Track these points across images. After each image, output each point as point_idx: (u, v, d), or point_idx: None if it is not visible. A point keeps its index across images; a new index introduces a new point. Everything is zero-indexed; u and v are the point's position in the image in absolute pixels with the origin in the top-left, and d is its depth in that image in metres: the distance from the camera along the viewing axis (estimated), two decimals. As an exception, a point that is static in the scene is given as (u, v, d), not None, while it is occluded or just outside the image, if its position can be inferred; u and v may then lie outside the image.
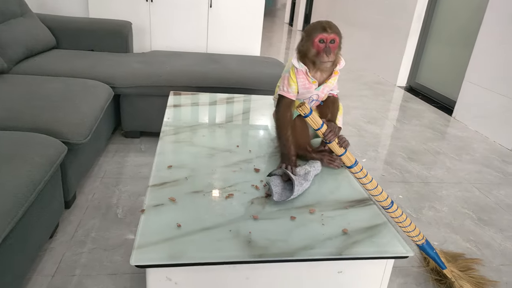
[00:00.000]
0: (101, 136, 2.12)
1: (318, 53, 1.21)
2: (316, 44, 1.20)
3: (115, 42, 2.93)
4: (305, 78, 1.26)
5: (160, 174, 1.13)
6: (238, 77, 2.48)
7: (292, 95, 1.28)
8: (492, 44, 3.14)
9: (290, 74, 1.27)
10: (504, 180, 2.43)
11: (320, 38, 1.19)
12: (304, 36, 1.24)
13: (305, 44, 1.23)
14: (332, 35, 1.20)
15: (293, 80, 1.27)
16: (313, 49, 1.21)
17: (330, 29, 1.19)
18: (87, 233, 1.62)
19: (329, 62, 1.21)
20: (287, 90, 1.28)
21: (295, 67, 1.26)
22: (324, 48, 1.19)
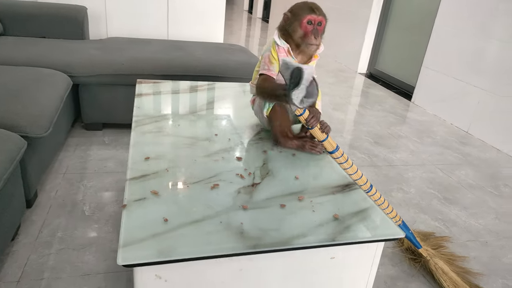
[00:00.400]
0: (61, 129, 1.98)
1: (306, 35, 1.17)
2: (304, 25, 1.17)
3: (70, 28, 2.74)
4: (285, 56, 1.23)
5: (137, 166, 1.06)
6: (205, 65, 2.41)
7: (273, 73, 1.24)
8: (448, 30, 3.27)
9: (271, 51, 1.23)
10: (463, 161, 2.55)
11: (308, 20, 1.16)
12: (290, 16, 1.20)
13: (292, 25, 1.19)
14: (320, 17, 1.17)
15: (275, 57, 1.23)
16: (300, 30, 1.18)
17: (318, 11, 1.17)
18: (52, 233, 1.51)
19: (316, 45, 1.19)
20: (268, 69, 1.23)
21: (277, 44, 1.22)
22: (312, 30, 1.16)
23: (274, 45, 1.24)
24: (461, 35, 3.13)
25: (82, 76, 2.19)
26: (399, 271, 1.51)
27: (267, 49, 1.27)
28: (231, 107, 1.57)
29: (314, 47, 1.20)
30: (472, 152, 2.70)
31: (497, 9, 2.82)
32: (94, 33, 3.22)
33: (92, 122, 2.38)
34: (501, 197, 2.14)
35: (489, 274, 1.55)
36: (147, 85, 1.70)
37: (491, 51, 2.88)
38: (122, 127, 2.49)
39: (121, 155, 2.16)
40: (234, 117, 1.47)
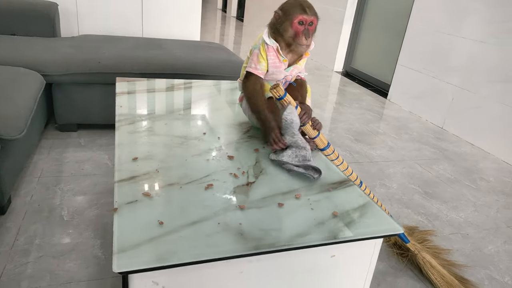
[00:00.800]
0: (34, 131, 1.88)
1: (296, 35, 1.15)
2: (295, 25, 1.15)
3: (41, 25, 2.62)
4: (275, 55, 1.21)
5: (126, 167, 1.01)
6: (184, 63, 2.35)
7: (260, 72, 1.21)
8: (421, 29, 3.35)
9: (260, 50, 1.20)
10: (440, 156, 2.62)
11: (299, 20, 1.14)
12: (281, 14, 1.18)
13: (283, 24, 1.17)
14: (312, 17, 1.15)
15: (263, 57, 1.20)
16: (291, 30, 1.16)
17: (310, 11, 1.14)
18: (30, 240, 1.43)
19: (307, 45, 1.17)
20: (255, 67, 1.21)
21: (266, 43, 1.20)
22: (303, 31, 1.14)
23: (263, 43, 1.21)
24: (434, 34, 3.21)
25: (56, 75, 2.09)
26: (387, 266, 1.52)
27: (256, 46, 1.24)
28: (218, 105, 1.54)
29: (305, 47, 1.19)
30: (448, 147, 2.77)
31: (467, 8, 2.91)
32: (66, 30, 3.09)
33: (67, 123, 2.28)
34: (478, 190, 2.21)
35: (473, 265, 1.59)
36: (128, 84, 1.64)
37: (462, 49, 2.97)
38: (98, 127, 2.40)
39: (99, 156, 2.07)
40: (222, 115, 1.43)
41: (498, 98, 2.70)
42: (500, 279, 1.53)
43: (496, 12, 2.69)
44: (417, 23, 3.39)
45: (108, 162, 2.03)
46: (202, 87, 1.72)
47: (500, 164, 2.60)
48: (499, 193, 2.20)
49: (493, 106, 2.73)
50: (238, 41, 6.16)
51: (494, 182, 2.33)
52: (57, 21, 2.75)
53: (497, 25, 2.69)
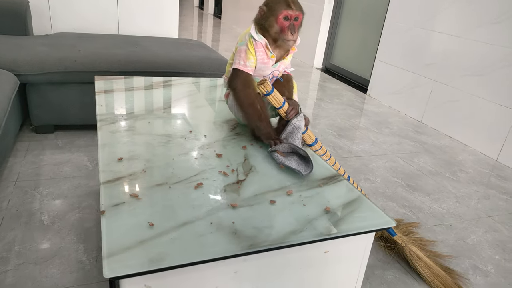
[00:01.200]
0: (9, 133, 1.81)
1: (282, 31, 1.14)
2: (280, 21, 1.13)
3: (12, 23, 2.51)
4: (264, 51, 1.19)
5: (110, 168, 0.97)
6: (164, 60, 2.31)
7: (250, 69, 1.19)
8: (398, 25, 3.40)
9: (248, 46, 1.18)
10: (421, 149, 2.67)
11: (284, 15, 1.12)
12: (266, 10, 1.16)
13: (268, 20, 1.15)
14: (297, 12, 1.13)
15: (252, 53, 1.18)
16: (276, 26, 1.14)
17: (295, 6, 1.13)
18: (8, 247, 1.37)
19: (293, 40, 1.16)
20: (245, 64, 1.18)
21: (254, 39, 1.17)
22: (289, 26, 1.13)
23: (251, 39, 1.19)
24: (411, 30, 3.27)
25: (30, 75, 2.01)
26: (375, 260, 1.54)
27: (242, 42, 1.22)
28: (201, 102, 1.51)
29: (291, 42, 1.17)
30: (427, 141, 2.83)
31: (442, 4, 2.97)
32: (38, 28, 2.99)
33: (43, 124, 2.20)
34: (458, 182, 2.26)
35: (457, 255, 1.62)
36: (107, 82, 1.59)
37: (439, 44, 3.03)
38: (75, 128, 2.33)
39: (78, 158, 2.01)
40: (207, 113, 1.41)
41: (473, 91, 2.77)
42: (484, 268, 1.56)
43: (469, 7, 2.76)
44: (394, 19, 3.44)
45: (88, 163, 1.97)
46: (183, 85, 1.69)
47: (478, 156, 2.67)
48: (478, 184, 2.26)
49: (469, 99, 2.80)
50: (217, 38, 6.11)
51: (473, 173, 2.39)
52: (28, 19, 2.65)
53: (471, 20, 2.75)
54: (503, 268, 1.58)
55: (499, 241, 1.75)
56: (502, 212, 1.99)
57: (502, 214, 1.97)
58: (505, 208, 2.04)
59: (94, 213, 1.60)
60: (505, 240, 1.76)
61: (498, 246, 1.71)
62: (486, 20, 2.66)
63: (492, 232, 1.81)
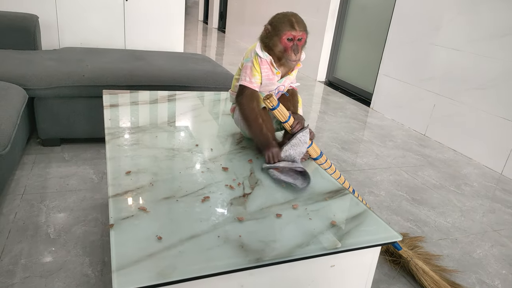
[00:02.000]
0: (17, 147, 1.83)
1: (286, 51, 1.16)
2: (283, 41, 1.15)
3: (21, 38, 2.56)
4: (269, 68, 1.21)
5: (119, 182, 0.98)
6: (170, 74, 2.34)
7: (255, 86, 1.21)
8: (401, 39, 3.43)
9: (254, 63, 1.20)
10: (425, 162, 2.67)
11: (288, 36, 1.15)
12: (270, 29, 1.18)
13: (272, 40, 1.17)
14: (301, 32, 1.16)
15: (257, 70, 1.20)
16: (280, 45, 1.16)
17: (299, 26, 1.15)
18: (15, 260, 1.37)
19: (296, 61, 1.18)
20: (250, 80, 1.20)
21: (259, 56, 1.20)
22: (292, 46, 1.15)
23: (256, 57, 1.21)
24: (413, 43, 3.30)
25: (38, 89, 2.04)
26: (380, 274, 1.53)
27: (248, 59, 1.24)
28: (209, 116, 1.53)
29: (294, 62, 1.20)
30: (431, 154, 2.83)
31: (443, 18, 3.00)
32: (47, 43, 3.05)
33: (50, 138, 2.22)
34: (463, 195, 2.25)
35: (463, 270, 1.61)
36: (114, 96, 1.61)
37: (441, 58, 3.05)
38: (81, 141, 2.35)
39: (83, 171, 2.02)
40: (214, 126, 1.42)
41: (477, 105, 2.78)
42: (490, 283, 1.55)
43: (472, 21, 2.79)
44: (396, 33, 3.47)
45: (94, 176, 1.98)
46: (189, 99, 1.71)
47: (482, 169, 2.66)
48: (483, 198, 2.25)
49: (473, 113, 2.81)
50: (221, 52, 6.17)
51: (478, 187, 2.39)
52: (37, 34, 2.70)
53: (473, 34, 2.78)
54: (510, 283, 1.56)
55: (505, 255, 1.74)
56: (508, 226, 1.98)
57: (508, 228, 1.96)
58: (511, 222, 2.03)
59: (100, 226, 1.61)
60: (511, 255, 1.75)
61: (504, 261, 1.70)
62: (489, 34, 2.68)
63: (499, 247, 1.80)
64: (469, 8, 2.82)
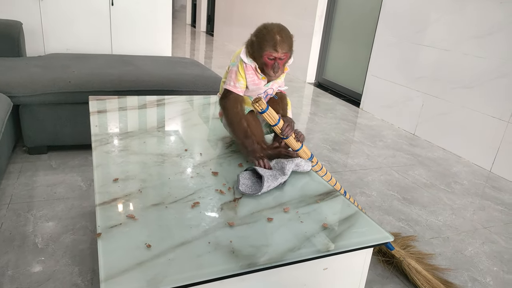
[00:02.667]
0: (2, 155, 1.79)
1: (266, 67, 1.16)
2: (265, 58, 1.15)
3: (4, 44, 2.52)
4: (254, 74, 1.20)
5: (106, 189, 0.96)
6: (157, 79, 2.32)
7: (239, 90, 1.20)
8: (388, 40, 3.46)
9: (239, 69, 1.19)
10: (415, 161, 2.68)
11: (269, 56, 1.14)
12: (255, 41, 1.16)
13: (255, 53, 1.16)
14: (283, 54, 1.15)
15: (242, 75, 1.19)
16: (261, 60, 1.16)
17: (282, 48, 1.13)
18: (2, 271, 1.34)
19: (274, 78, 1.19)
20: (234, 85, 1.20)
21: (244, 62, 1.19)
22: (273, 65, 1.15)
23: (241, 62, 1.20)
24: (401, 44, 3.33)
25: (23, 96, 2.01)
26: (374, 275, 1.53)
27: (234, 63, 1.23)
28: (196, 120, 1.51)
29: (273, 78, 1.21)
30: (421, 153, 2.85)
31: (429, 19, 3.03)
32: (31, 49, 3.00)
33: (36, 146, 2.18)
34: (453, 194, 2.27)
35: (455, 268, 1.62)
36: (101, 102, 1.59)
37: (428, 57, 3.08)
38: (69, 149, 2.31)
39: (71, 179, 1.99)
40: (203, 131, 1.41)
41: (465, 104, 2.81)
42: (482, 280, 1.56)
43: (458, 21, 2.82)
44: (384, 34, 3.50)
45: (82, 184, 1.95)
46: (177, 103, 1.69)
47: (472, 167, 2.69)
48: (473, 195, 2.27)
49: (461, 112, 2.84)
50: (209, 56, 6.16)
51: (468, 185, 2.41)
52: (22, 40, 2.66)
53: (460, 33, 2.81)
54: (501, 279, 1.57)
55: (496, 252, 1.75)
56: (498, 223, 2.00)
57: (498, 225, 1.98)
58: (501, 219, 2.05)
59: (88, 234, 1.58)
60: (502, 251, 1.76)
61: (495, 258, 1.71)
62: (475, 33, 2.71)
63: (489, 244, 1.81)
64: (454, 8, 2.85)
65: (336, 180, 1.34)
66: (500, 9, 2.55)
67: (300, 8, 4.75)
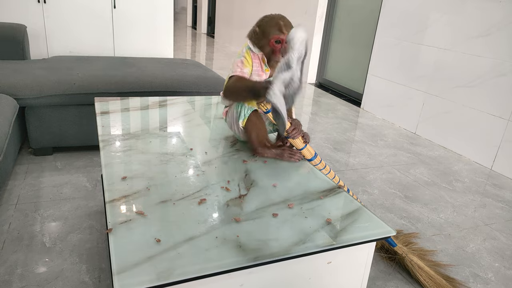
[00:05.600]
0: (9, 156, 1.82)
1: (274, 53, 1.18)
2: (272, 44, 1.17)
3: (9, 48, 2.55)
4: (259, 64, 1.23)
5: (115, 187, 0.99)
6: (160, 80, 2.35)
7: (246, 75, 1.22)
8: (388, 40, 3.48)
9: (246, 56, 1.21)
10: (416, 160, 2.70)
11: (276, 39, 1.16)
12: (258, 31, 1.20)
13: (260, 41, 1.19)
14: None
15: (248, 61, 1.21)
16: (268, 48, 1.18)
17: (287, 29, 1.17)
18: (11, 270, 1.36)
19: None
20: (242, 71, 1.21)
21: (251, 50, 1.21)
22: (280, 49, 1.17)
23: (248, 50, 1.23)
24: (401, 44, 3.35)
25: (29, 98, 2.03)
26: (377, 271, 1.55)
27: (239, 55, 1.26)
28: (202, 120, 1.54)
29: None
30: (422, 152, 2.87)
31: (429, 19, 3.06)
32: (35, 52, 3.04)
33: (41, 147, 2.21)
34: (455, 191, 2.29)
35: (457, 264, 1.64)
36: (107, 103, 1.61)
37: (429, 57, 3.10)
38: (74, 150, 2.34)
39: (77, 179, 2.02)
40: (207, 130, 1.44)
41: (465, 102, 2.83)
42: (484, 276, 1.58)
43: (458, 21, 2.84)
44: (384, 34, 3.52)
45: (87, 184, 1.98)
46: (181, 104, 1.72)
47: (473, 165, 2.70)
48: (474, 193, 2.29)
49: (461, 110, 2.86)
50: (210, 57, 6.19)
51: (469, 182, 2.43)
52: (26, 44, 2.69)
53: (460, 33, 2.84)
54: (503, 275, 1.59)
55: (497, 248, 1.77)
56: (499, 220, 2.02)
57: (499, 222, 2.00)
58: (502, 216, 2.07)
59: (95, 233, 1.60)
60: (503, 248, 1.78)
61: (497, 254, 1.73)
62: (475, 32, 2.74)
63: (491, 240, 1.83)
64: (454, 8, 2.87)
65: (339, 178, 1.36)
66: (499, 8, 2.57)
67: (301, 9, 4.78)
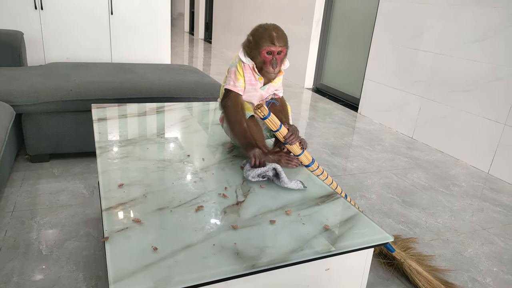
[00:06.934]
0: (5, 164, 1.81)
1: (265, 63, 1.19)
2: (263, 54, 1.18)
3: (6, 54, 2.55)
4: (251, 73, 1.24)
5: (112, 194, 0.99)
6: (158, 86, 2.35)
7: (239, 90, 1.24)
8: (385, 45, 3.50)
9: (237, 68, 1.23)
10: (413, 164, 2.71)
11: (267, 50, 1.18)
12: (252, 41, 1.20)
13: (253, 51, 1.20)
14: (280, 47, 1.18)
15: (240, 74, 1.23)
16: (260, 58, 1.19)
17: (278, 42, 1.17)
18: (7, 278, 1.35)
19: (274, 74, 1.21)
20: (234, 84, 1.23)
21: (242, 61, 1.22)
22: (271, 61, 1.18)
23: (239, 61, 1.24)
24: (397, 49, 3.37)
25: (26, 105, 2.03)
26: (375, 277, 1.54)
27: (233, 64, 1.26)
28: (199, 126, 1.54)
29: (273, 75, 1.23)
30: (419, 156, 2.87)
31: (425, 24, 3.08)
32: (32, 59, 3.03)
33: (38, 154, 2.20)
34: (452, 196, 2.29)
35: (455, 269, 1.63)
36: (103, 110, 1.61)
37: (425, 62, 3.12)
38: (71, 156, 2.33)
39: (74, 186, 2.01)
40: (203, 136, 1.43)
41: (461, 107, 2.84)
42: (482, 281, 1.58)
43: (454, 26, 2.86)
44: (380, 39, 3.54)
45: (84, 191, 1.97)
46: (178, 110, 1.72)
47: (470, 169, 2.71)
48: (472, 197, 2.29)
49: (458, 115, 2.87)
50: (208, 63, 6.20)
51: (466, 187, 2.43)
52: (23, 50, 2.69)
53: (456, 38, 2.85)
54: (501, 280, 1.59)
55: (495, 253, 1.77)
56: (496, 225, 2.02)
57: (497, 226, 2.00)
58: (499, 220, 2.07)
59: (92, 241, 1.59)
60: (501, 252, 1.78)
61: (495, 258, 1.73)
62: (471, 38, 2.75)
63: (489, 245, 1.83)
64: (450, 13, 2.89)
65: (337, 184, 1.36)
66: (494, 14, 2.59)
67: (297, 15, 4.81)
